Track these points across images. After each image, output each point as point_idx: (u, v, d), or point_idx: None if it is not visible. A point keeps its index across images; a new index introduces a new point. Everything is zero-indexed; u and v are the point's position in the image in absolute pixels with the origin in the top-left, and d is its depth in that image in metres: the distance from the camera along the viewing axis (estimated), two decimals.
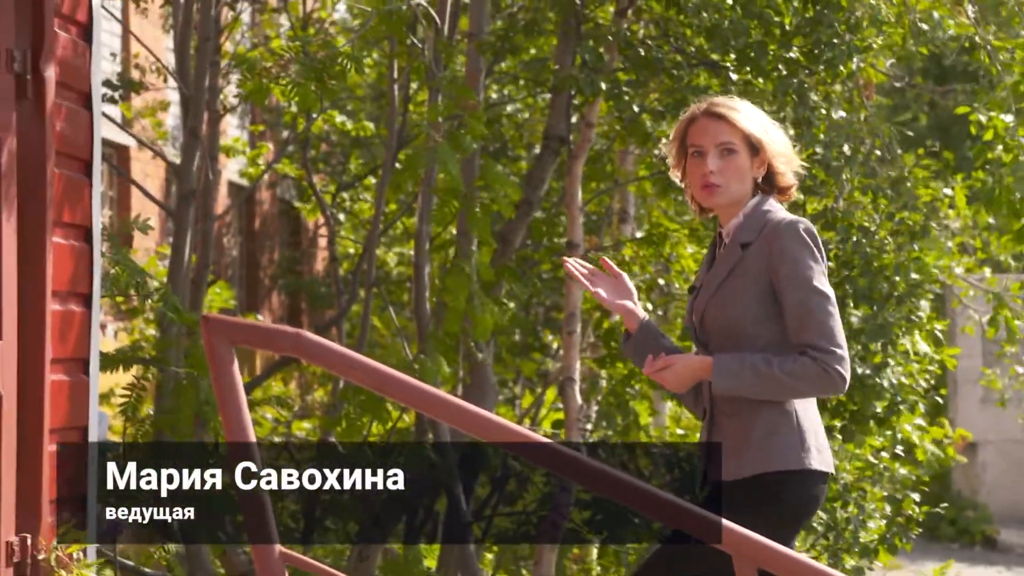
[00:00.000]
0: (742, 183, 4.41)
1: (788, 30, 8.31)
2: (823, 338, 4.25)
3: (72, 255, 5.11)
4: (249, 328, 3.50)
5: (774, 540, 4.10)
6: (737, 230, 4.40)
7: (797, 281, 4.28)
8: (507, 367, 12.08)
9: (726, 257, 4.39)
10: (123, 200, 13.33)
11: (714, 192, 4.39)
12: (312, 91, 7.15)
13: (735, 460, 4.28)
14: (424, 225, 8.90)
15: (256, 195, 15.96)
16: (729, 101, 4.44)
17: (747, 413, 4.30)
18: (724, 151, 4.39)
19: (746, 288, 4.32)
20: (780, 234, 4.32)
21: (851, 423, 8.18)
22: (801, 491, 4.26)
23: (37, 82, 4.82)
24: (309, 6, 11.92)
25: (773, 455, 4.26)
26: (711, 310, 4.36)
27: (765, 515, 4.23)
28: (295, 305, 16.93)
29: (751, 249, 4.34)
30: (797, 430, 4.29)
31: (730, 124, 4.38)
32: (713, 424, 4.38)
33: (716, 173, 4.38)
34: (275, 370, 10.75)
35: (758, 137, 4.39)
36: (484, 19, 9.13)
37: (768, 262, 4.31)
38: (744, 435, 4.30)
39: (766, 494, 4.25)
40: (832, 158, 8.18)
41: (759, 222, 4.38)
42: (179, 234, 8.92)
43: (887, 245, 8.16)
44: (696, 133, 4.41)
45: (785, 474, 4.25)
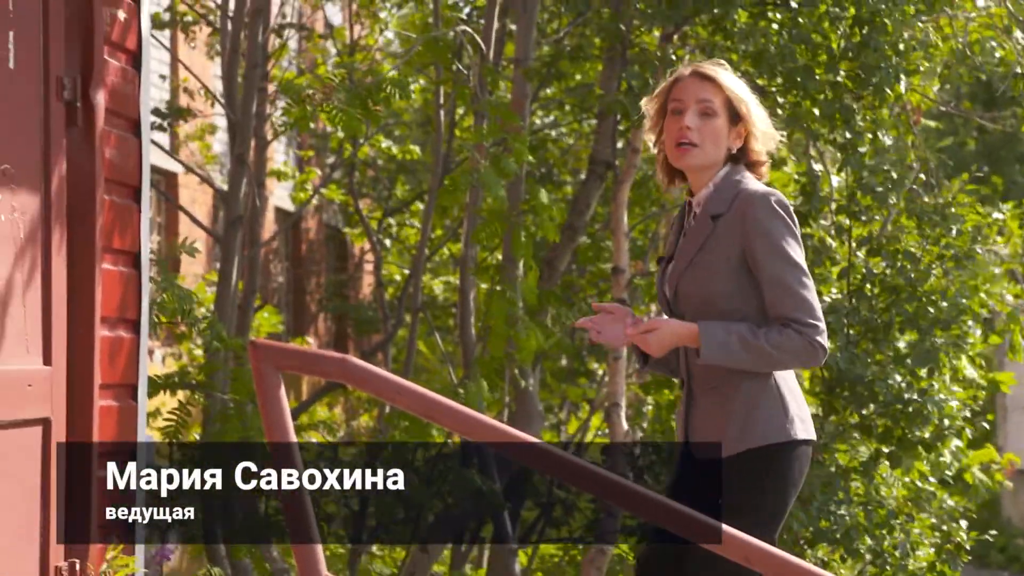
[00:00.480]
0: (717, 147, 4.32)
1: (835, 54, 8.29)
2: (803, 311, 4.21)
3: (121, 281, 5.15)
4: (296, 353, 3.51)
5: (764, 516, 4.14)
6: (707, 201, 4.32)
7: (774, 254, 4.22)
8: (553, 393, 12.07)
9: (697, 229, 4.31)
10: (171, 226, 13.41)
11: (688, 152, 4.30)
12: (357, 118, 7.19)
13: (715, 437, 4.24)
14: (469, 250, 8.92)
15: (302, 221, 16.03)
16: (717, 66, 4.38)
17: (727, 387, 4.25)
18: (704, 111, 4.31)
19: (718, 262, 4.26)
20: (754, 205, 4.24)
21: (898, 449, 8.13)
22: (789, 463, 4.22)
23: (87, 109, 4.86)
24: (356, 33, 11.98)
25: (757, 430, 4.21)
26: (685, 285, 4.30)
27: (755, 491, 4.20)
28: (341, 330, 16.97)
29: (722, 221, 4.27)
30: (779, 401, 4.24)
31: (715, 85, 4.31)
32: (692, 399, 4.32)
33: (693, 131, 4.29)
34: (321, 395, 10.78)
35: (740, 105, 4.32)
36: (530, 45, 9.16)
37: (742, 235, 4.24)
38: (725, 411, 4.24)
39: (753, 470, 4.21)
40: (878, 183, 8.14)
41: (730, 193, 4.29)
42: (226, 260, 8.97)
43: (934, 270, 8.12)
44: (679, 90, 4.34)
45: (771, 448, 4.21)
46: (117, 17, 5.10)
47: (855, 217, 8.23)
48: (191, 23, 10.52)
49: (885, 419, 8.11)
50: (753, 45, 8.41)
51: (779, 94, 8.45)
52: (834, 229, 8.44)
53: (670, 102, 4.36)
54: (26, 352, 4.62)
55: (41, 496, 4.69)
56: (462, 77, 9.18)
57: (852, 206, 8.21)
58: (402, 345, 12.57)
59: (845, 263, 8.35)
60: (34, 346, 4.66)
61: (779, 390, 4.26)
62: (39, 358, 4.69)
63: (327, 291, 16.70)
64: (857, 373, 7.93)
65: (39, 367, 4.69)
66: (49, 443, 4.71)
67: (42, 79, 4.71)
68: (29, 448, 4.64)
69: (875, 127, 8.30)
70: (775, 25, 8.42)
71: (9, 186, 4.53)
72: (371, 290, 16.45)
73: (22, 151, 4.61)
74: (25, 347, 4.62)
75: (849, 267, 8.30)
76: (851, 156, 8.24)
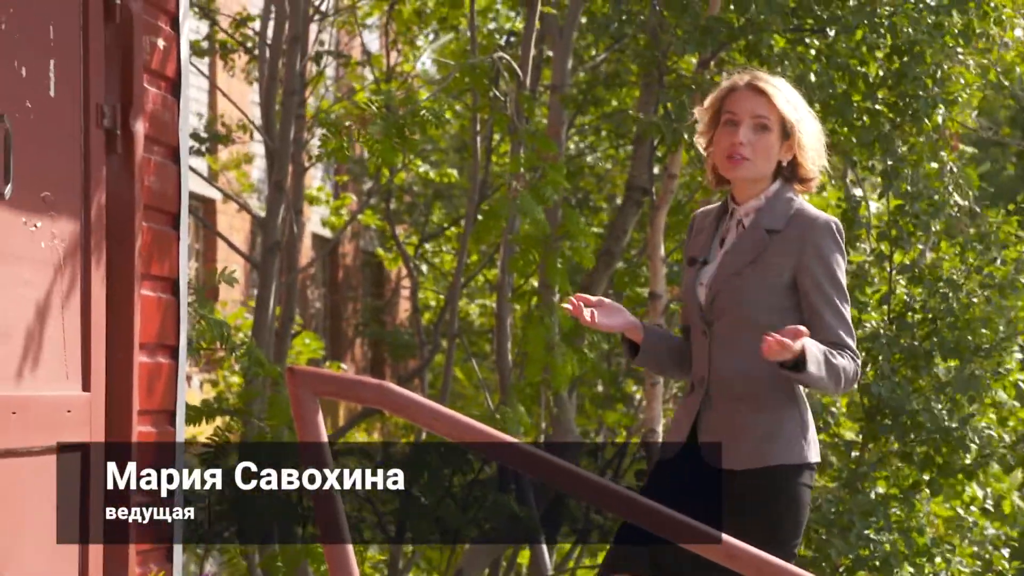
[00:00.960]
0: (768, 161, 4.33)
1: (873, 82, 8.27)
2: (851, 338, 4.29)
3: (160, 307, 5.17)
4: (334, 379, 3.51)
5: (779, 534, 4.16)
6: (759, 213, 4.33)
7: (831, 281, 4.26)
8: (590, 418, 12.04)
9: (748, 239, 4.31)
10: (209, 252, 13.46)
11: (740, 164, 4.30)
12: (393, 146, 7.22)
13: (740, 449, 4.24)
14: (506, 276, 8.92)
15: (339, 247, 16.07)
16: (772, 79, 4.39)
17: (754, 399, 4.26)
18: (759, 125, 4.32)
19: (771, 277, 4.27)
20: (817, 230, 4.27)
21: (939, 476, 8.07)
22: (803, 484, 4.25)
23: (126, 137, 4.89)
24: (392, 59, 12.02)
25: (781, 448, 4.23)
26: (729, 292, 4.29)
27: (771, 508, 4.21)
28: (378, 356, 16.99)
29: (779, 238, 4.28)
30: (800, 423, 4.27)
31: (769, 100, 4.32)
32: (709, 404, 4.31)
33: (746, 145, 4.30)
34: (358, 421, 10.79)
35: (792, 122, 4.33)
36: (566, 72, 9.17)
37: (798, 256, 4.26)
38: (752, 423, 4.25)
39: (772, 487, 4.22)
40: (921, 210, 8.11)
41: (785, 209, 4.31)
42: (264, 286, 9.00)
43: (975, 298, 8.07)
44: (734, 102, 4.34)
45: (790, 468, 4.23)
46: (156, 45, 5.13)
47: (896, 244, 8.19)
48: (229, 51, 10.58)
49: (926, 447, 8.06)
50: (790, 71, 8.40)
51: (817, 120, 8.43)
52: (874, 255, 8.40)
53: (724, 112, 4.36)
54: (65, 378, 4.64)
55: (80, 522, 4.70)
56: (499, 103, 9.20)
57: (893, 231, 8.17)
58: (438, 371, 12.57)
59: (885, 288, 8.31)
60: (73, 372, 4.68)
61: (800, 411, 4.29)
62: (78, 384, 4.71)
63: (364, 317, 16.72)
64: (899, 401, 7.89)
65: (78, 393, 4.71)
66: (88, 469, 4.72)
67: (82, 107, 4.74)
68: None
69: (916, 155, 8.27)
70: (812, 52, 8.42)
71: (49, 213, 4.56)
72: (407, 316, 16.47)
73: (62, 178, 4.63)
74: (64, 373, 4.63)
75: (890, 293, 8.26)
76: (892, 183, 8.21)
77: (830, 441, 8.55)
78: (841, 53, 8.30)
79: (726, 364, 4.30)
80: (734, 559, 3.59)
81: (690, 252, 4.42)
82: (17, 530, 4.39)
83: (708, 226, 4.42)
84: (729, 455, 4.26)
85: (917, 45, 8.07)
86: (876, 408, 8.12)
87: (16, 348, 4.40)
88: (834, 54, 8.32)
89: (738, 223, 4.37)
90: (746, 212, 4.36)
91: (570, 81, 9.26)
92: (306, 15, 9.37)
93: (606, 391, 12.13)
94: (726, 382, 4.31)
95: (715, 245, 4.39)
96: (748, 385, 4.28)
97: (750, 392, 4.28)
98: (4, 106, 4.30)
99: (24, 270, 4.44)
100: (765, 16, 8.11)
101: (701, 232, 4.44)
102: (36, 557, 4.49)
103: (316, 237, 15.47)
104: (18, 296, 4.41)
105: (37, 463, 4.49)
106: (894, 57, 8.18)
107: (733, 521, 4.22)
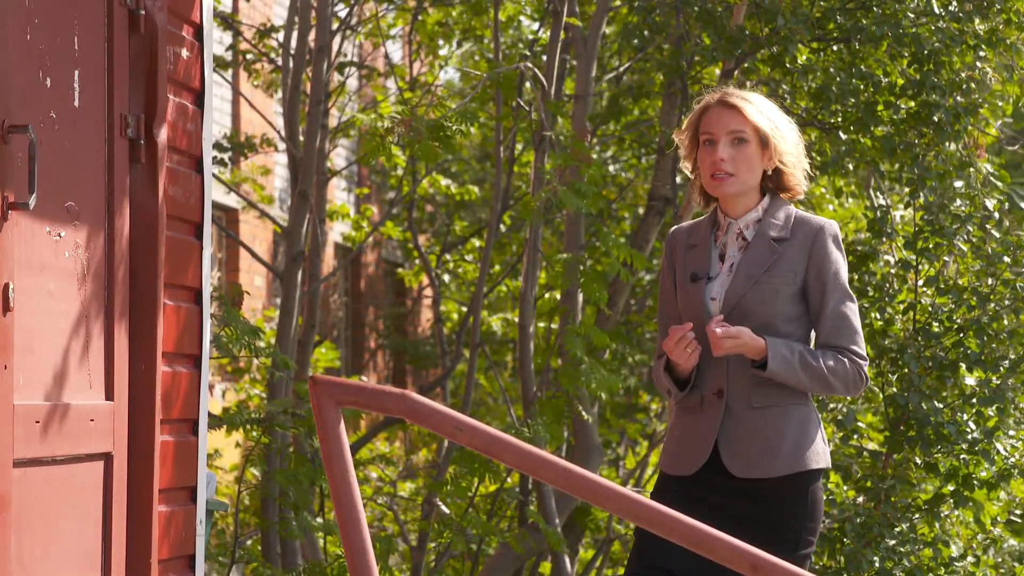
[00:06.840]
0: (752, 173, 4.38)
1: (895, 91, 8.24)
2: (857, 343, 4.35)
3: (183, 317, 5.17)
4: (357, 389, 3.50)
5: (808, 535, 4.28)
6: (761, 225, 4.38)
7: (838, 287, 4.35)
8: (611, 428, 12.02)
9: (757, 250, 4.35)
10: (231, 262, 13.48)
11: (725, 181, 4.36)
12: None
13: (767, 457, 4.30)
14: (529, 286, 8.91)
15: (361, 256, 16.08)
16: (742, 92, 4.44)
17: (780, 408, 4.32)
18: (736, 140, 4.36)
19: (786, 286, 4.33)
20: (822, 235, 4.35)
21: (963, 487, 8.03)
22: (820, 489, 4.37)
23: (150, 147, 4.90)
24: (416, 69, 12.02)
25: (807, 454, 4.31)
26: (748, 304, 4.33)
27: (797, 514, 4.30)
28: (399, 365, 16.98)
29: (788, 246, 4.34)
30: (818, 428, 4.37)
31: (741, 114, 4.36)
32: (729, 413, 4.33)
33: (727, 161, 4.35)
34: (380, 430, 10.79)
35: (766, 131, 4.36)
36: (590, 81, 9.17)
37: (809, 264, 4.33)
38: (778, 431, 4.31)
39: (798, 492, 4.31)
40: (948, 222, 8.07)
41: (786, 219, 4.38)
42: (287, 296, 9.00)
43: (1003, 310, 8.03)
44: (708, 122, 4.41)
45: (813, 473, 4.33)
46: (180, 56, 5.14)
47: (922, 254, 8.15)
48: (253, 61, 10.59)
49: (951, 458, 8.02)
50: (814, 80, 8.37)
51: (841, 129, 8.41)
52: (898, 265, 8.36)
53: (701, 133, 4.43)
54: (88, 387, 4.65)
55: (102, 530, 4.71)
56: (523, 112, 9.20)
57: (920, 242, 8.13)
58: (460, 380, 12.55)
59: (911, 296, 8.27)
60: (96, 381, 4.69)
61: (817, 417, 4.39)
62: (101, 393, 4.72)
63: (386, 326, 16.72)
64: (926, 413, 7.86)
65: (101, 402, 4.71)
66: (111, 478, 4.73)
67: (106, 117, 4.75)
68: (91, 483, 4.66)
69: (941, 166, 8.24)
70: (837, 60, 8.40)
71: (73, 223, 4.56)
72: (429, 325, 16.46)
73: (86, 188, 4.64)
74: (88, 382, 4.64)
75: (916, 303, 8.22)
76: (919, 191, 8.18)
77: (853, 453, 8.51)
78: (866, 61, 8.28)
79: (746, 375, 4.33)
80: (758, 570, 3.56)
81: (690, 268, 4.44)
82: (40, 539, 4.39)
83: (701, 242, 4.44)
84: (763, 463, 4.29)
85: (939, 54, 8.04)
86: (900, 419, 8.09)
87: (40, 358, 4.41)
88: (857, 63, 8.30)
89: (738, 235, 4.40)
90: (745, 224, 4.40)
91: (593, 90, 9.25)
92: (331, 25, 9.38)
93: (628, 401, 12.11)
94: (745, 392, 4.34)
95: (715, 259, 4.41)
96: (770, 393, 4.32)
97: (770, 400, 4.33)
98: (29, 116, 4.31)
99: (48, 280, 4.45)
100: (791, 26, 8.09)
101: (693, 248, 4.46)
102: (59, 566, 4.49)
103: (338, 247, 15.48)
104: (42, 306, 4.42)
105: (60, 472, 4.50)
106: (915, 66, 8.15)
107: (760, 528, 4.24)
